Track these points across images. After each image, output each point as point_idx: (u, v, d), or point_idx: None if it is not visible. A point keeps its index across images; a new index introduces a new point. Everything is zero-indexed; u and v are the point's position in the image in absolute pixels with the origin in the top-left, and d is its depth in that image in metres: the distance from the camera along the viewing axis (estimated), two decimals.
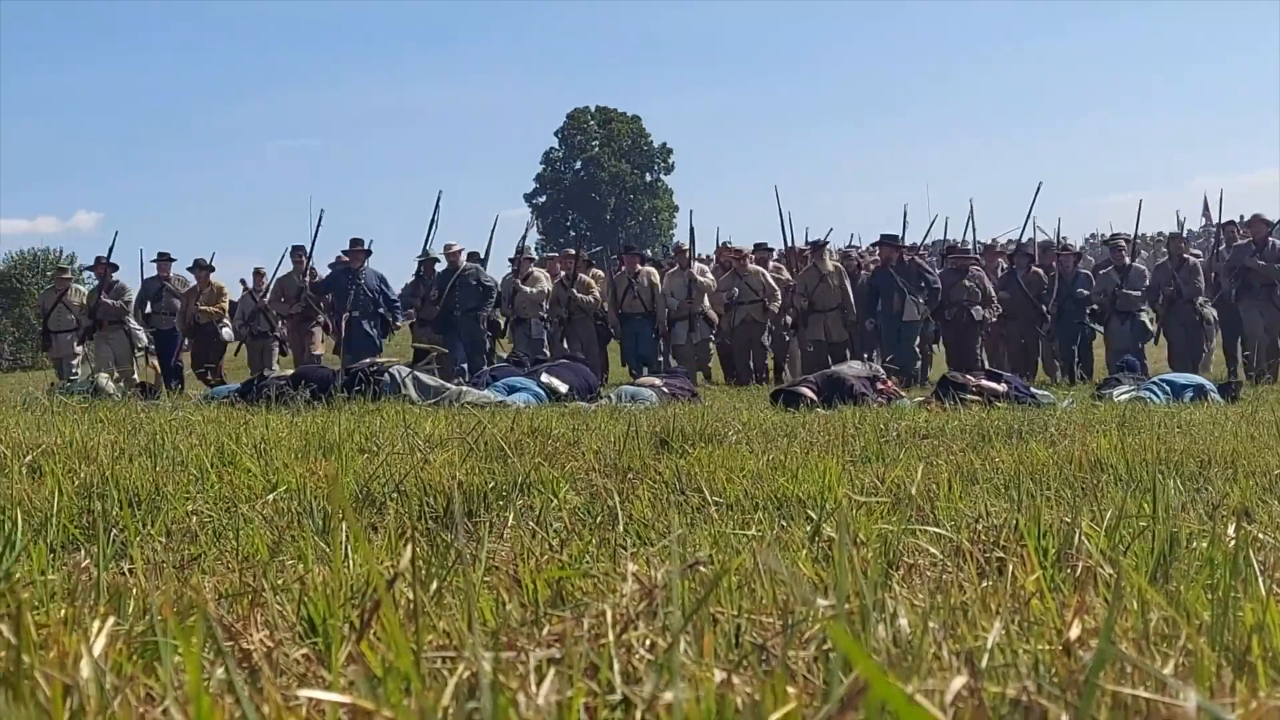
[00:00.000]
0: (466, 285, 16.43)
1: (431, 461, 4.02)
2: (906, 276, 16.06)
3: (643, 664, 1.38)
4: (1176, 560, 1.95)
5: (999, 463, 4.14)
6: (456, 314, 16.26)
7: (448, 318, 16.31)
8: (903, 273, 16.09)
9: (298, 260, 17.17)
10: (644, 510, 3.12)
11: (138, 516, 3.03)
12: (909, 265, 16.27)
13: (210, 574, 2.34)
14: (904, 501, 3.17)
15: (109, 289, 16.51)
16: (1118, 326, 16.32)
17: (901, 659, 1.34)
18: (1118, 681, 1.21)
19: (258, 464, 3.96)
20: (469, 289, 16.41)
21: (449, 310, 16.29)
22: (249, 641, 1.51)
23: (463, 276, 16.44)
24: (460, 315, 16.27)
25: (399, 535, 2.64)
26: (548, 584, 1.89)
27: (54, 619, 1.51)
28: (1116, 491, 3.30)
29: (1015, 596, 1.68)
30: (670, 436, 5.00)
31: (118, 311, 16.40)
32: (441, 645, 1.46)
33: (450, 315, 16.30)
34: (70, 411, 6.67)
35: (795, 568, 2.03)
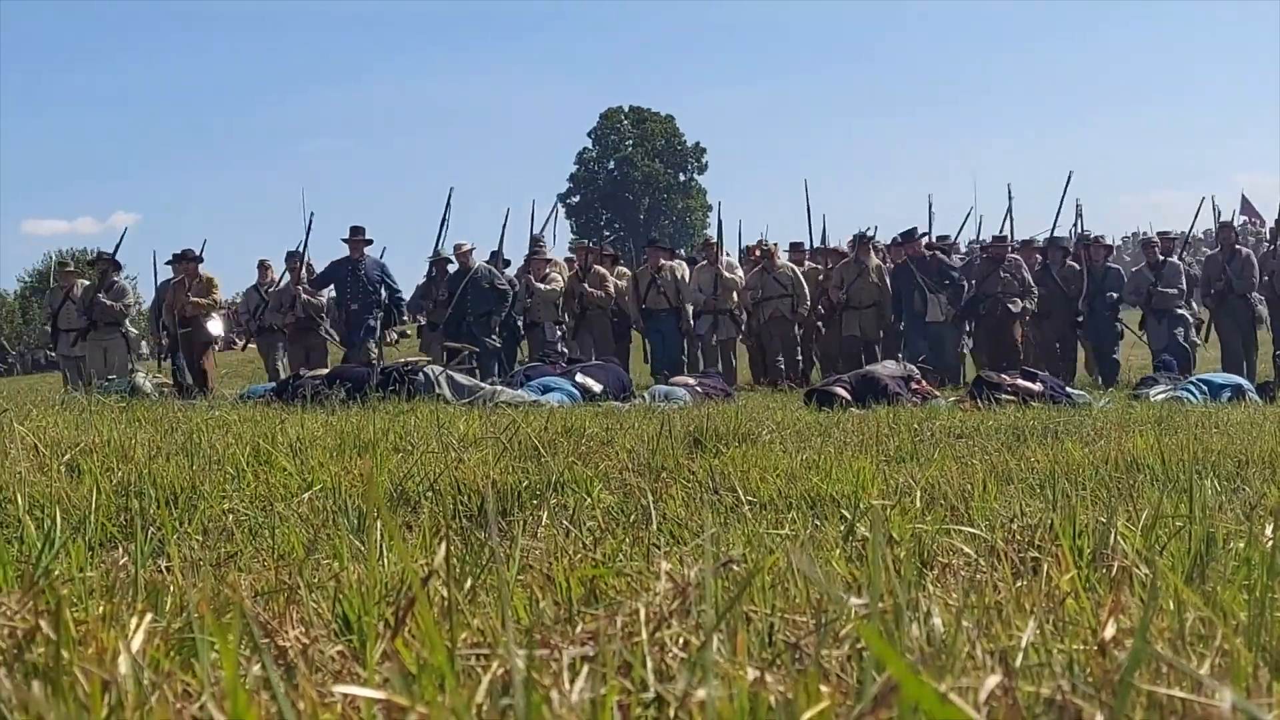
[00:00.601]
0: (478, 288, 15.61)
1: (465, 461, 4.04)
2: (928, 273, 15.28)
3: (676, 662, 1.38)
4: (1213, 560, 1.93)
5: (1034, 462, 4.12)
6: (469, 319, 15.41)
7: (459, 322, 15.44)
8: (924, 269, 15.31)
9: (292, 267, 16.26)
10: (677, 509, 3.13)
11: (175, 515, 3.06)
12: (930, 261, 15.46)
13: (246, 571, 2.36)
14: (938, 501, 3.15)
15: (108, 288, 15.52)
16: (1155, 326, 15.53)
17: (935, 658, 1.33)
18: (1153, 681, 1.21)
19: (293, 463, 3.99)
20: (481, 292, 15.59)
21: (460, 315, 15.48)
22: (285, 639, 1.52)
23: (474, 279, 15.64)
24: (473, 320, 15.42)
25: (433, 534, 2.66)
26: (581, 582, 1.89)
27: (92, 616, 1.53)
28: (1153, 491, 3.28)
29: (1050, 596, 1.67)
30: (704, 436, 5.00)
31: (114, 313, 15.45)
32: (476, 643, 1.47)
33: (462, 320, 15.44)
34: (108, 411, 6.73)
35: (829, 567, 2.03)
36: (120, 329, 15.58)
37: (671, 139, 70.93)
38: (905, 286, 15.40)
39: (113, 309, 15.40)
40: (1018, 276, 15.57)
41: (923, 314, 15.11)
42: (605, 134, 71.29)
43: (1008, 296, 15.41)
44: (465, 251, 15.88)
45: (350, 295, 15.75)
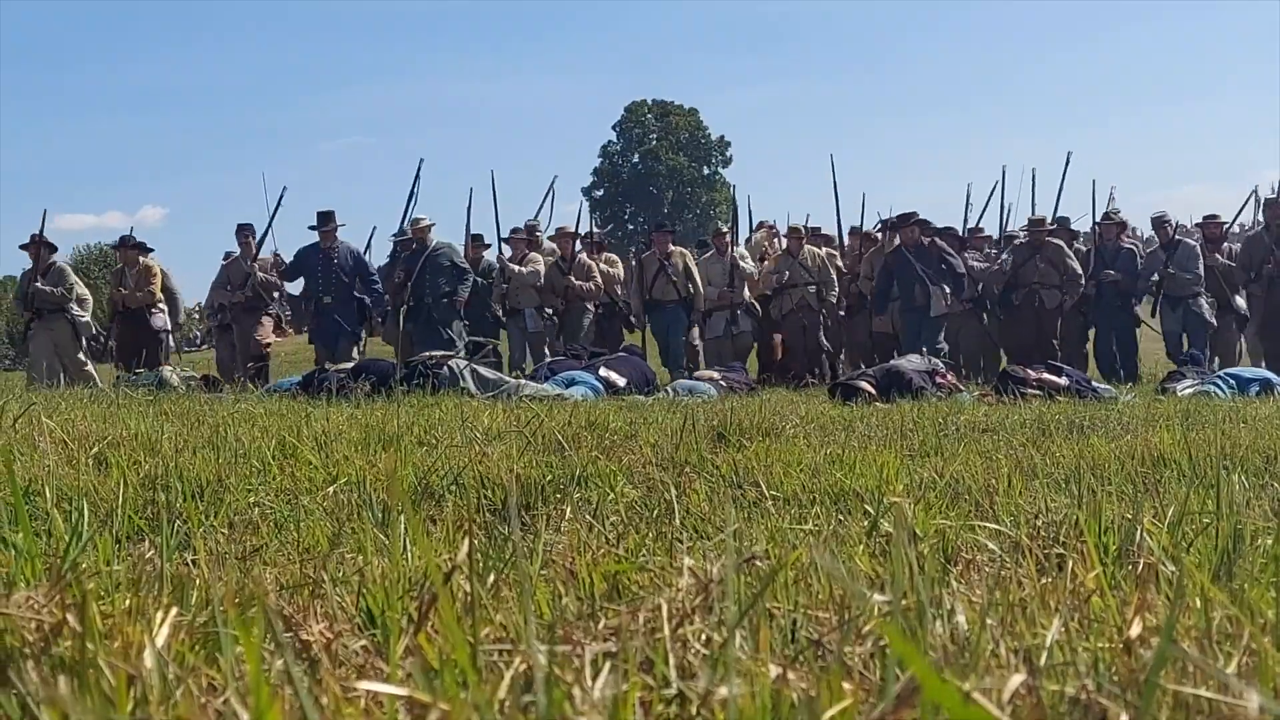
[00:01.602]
0: (437, 267, 14.05)
1: (489, 455, 4.05)
2: (927, 262, 13.73)
3: (698, 659, 1.38)
4: (1240, 558, 1.91)
5: (1059, 457, 4.09)
6: (427, 300, 13.91)
7: (419, 304, 13.92)
8: (923, 258, 13.74)
9: (244, 241, 14.82)
10: (701, 504, 3.12)
11: (201, 508, 3.07)
12: (929, 249, 13.89)
13: (272, 565, 2.38)
14: (962, 496, 3.14)
15: (44, 273, 14.14)
16: (1168, 313, 14.18)
17: (959, 656, 1.33)
18: (1179, 681, 1.20)
19: (318, 456, 4.01)
20: (440, 271, 14.04)
21: (420, 296, 13.93)
22: (309, 633, 1.53)
23: (433, 256, 14.08)
24: (432, 302, 13.94)
25: (457, 528, 2.66)
26: (604, 577, 1.89)
27: (119, 609, 1.54)
28: (1179, 487, 3.25)
29: (1075, 593, 1.65)
30: (727, 430, 5.00)
31: (55, 299, 14.03)
32: (498, 638, 1.47)
33: (421, 301, 13.94)
34: (135, 404, 6.78)
35: (852, 563, 2.03)
36: (65, 315, 14.11)
37: (695, 132, 70.82)
38: (903, 277, 13.92)
39: (51, 294, 14.07)
40: (1059, 264, 14.04)
41: (924, 308, 13.72)
42: (629, 127, 71.23)
43: (1045, 287, 14.02)
44: (423, 228, 14.38)
45: (322, 288, 14.23)
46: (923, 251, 13.92)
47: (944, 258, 13.88)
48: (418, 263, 14.06)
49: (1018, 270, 14.23)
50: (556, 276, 14.76)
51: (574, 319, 14.88)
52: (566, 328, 14.81)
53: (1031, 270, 14.16)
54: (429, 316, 13.86)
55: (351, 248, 14.52)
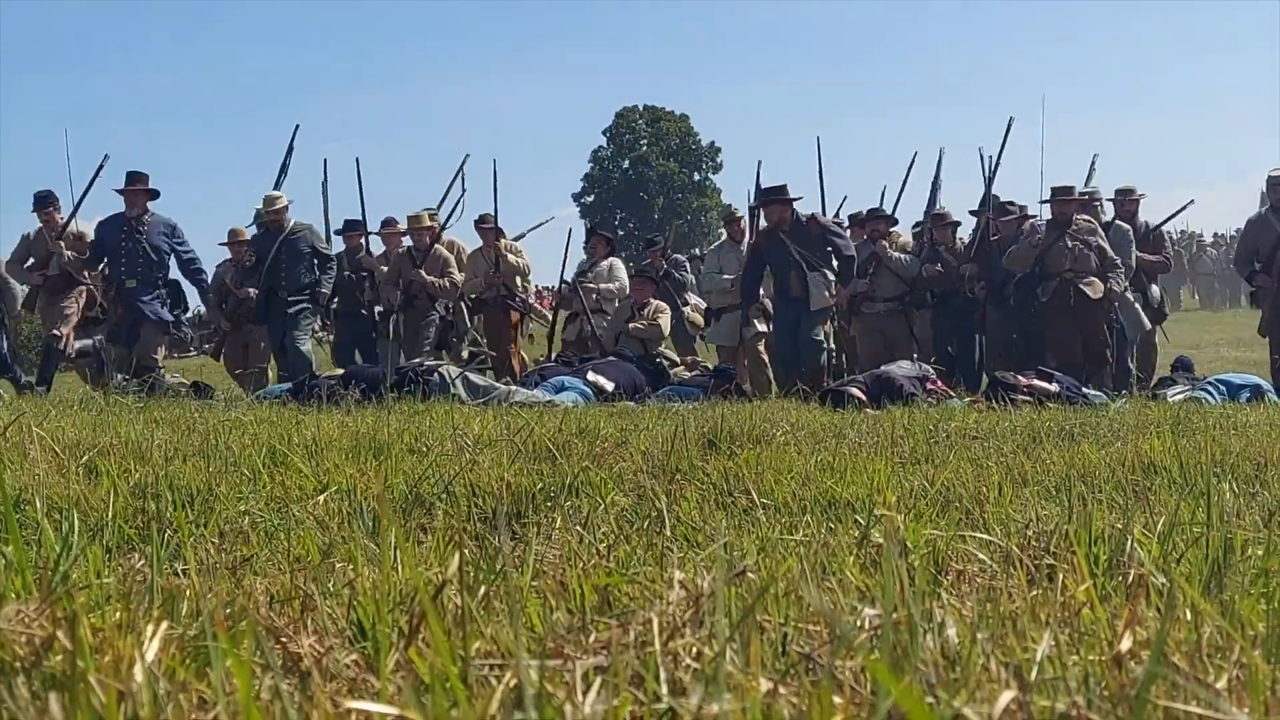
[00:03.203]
0: (295, 253, 11.95)
1: (480, 463, 4.04)
2: (804, 244, 11.31)
3: (689, 673, 1.38)
4: (1230, 569, 1.92)
5: (1050, 464, 4.10)
6: (282, 292, 11.80)
7: (271, 296, 11.84)
8: (799, 239, 11.30)
9: (47, 217, 11.99)
10: (691, 512, 3.12)
11: (191, 517, 3.07)
12: (808, 227, 11.43)
13: (262, 575, 2.37)
14: (953, 505, 3.14)
15: None
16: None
17: (949, 670, 1.33)
18: (1170, 696, 1.20)
19: (309, 465, 4.00)
20: (298, 258, 11.95)
21: (273, 286, 11.83)
22: (299, 646, 1.53)
23: (290, 241, 11.95)
24: (287, 295, 11.81)
25: (447, 539, 2.66)
26: (595, 590, 1.89)
27: (109, 623, 1.54)
28: (1170, 495, 3.26)
29: (1065, 606, 1.66)
30: (718, 437, 5.00)
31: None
32: (489, 652, 1.47)
33: (273, 294, 11.84)
34: (125, 411, 6.76)
35: (843, 574, 2.03)
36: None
37: (686, 138, 70.83)
38: (776, 262, 11.48)
39: None
40: (1094, 245, 11.29)
41: (803, 299, 11.26)
42: (620, 133, 71.24)
43: (1080, 275, 11.18)
44: (279, 209, 12.11)
45: (125, 268, 11.42)
46: (800, 231, 11.42)
47: (827, 238, 11.51)
48: (272, 248, 11.94)
49: (1046, 256, 11.36)
50: (405, 267, 12.70)
51: (415, 320, 12.73)
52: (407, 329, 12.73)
53: (1059, 255, 11.27)
54: (279, 311, 11.84)
55: (166, 220, 11.87)
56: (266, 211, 12.16)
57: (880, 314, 12.42)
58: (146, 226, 11.54)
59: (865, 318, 12.50)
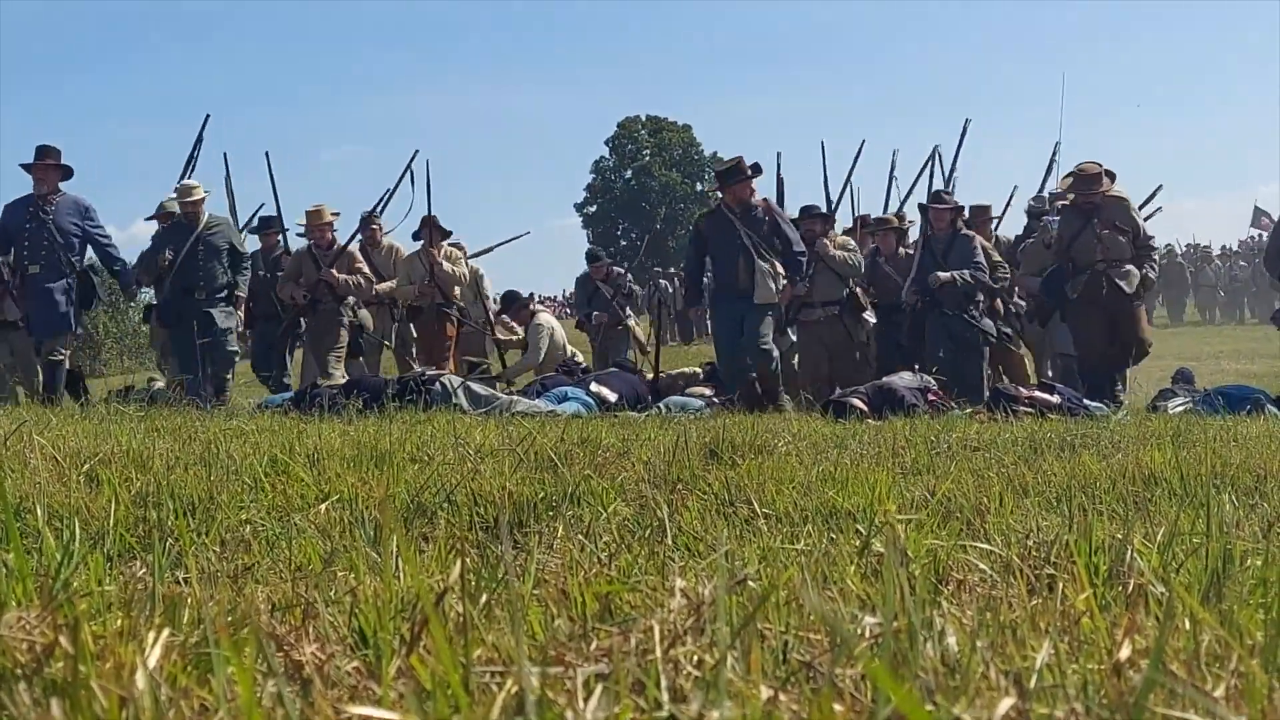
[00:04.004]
0: (211, 249, 10.89)
1: (482, 472, 4.05)
2: (755, 230, 10.29)
3: (690, 681, 1.38)
4: (1230, 579, 1.92)
5: (1051, 475, 4.10)
6: (198, 293, 10.74)
7: (182, 296, 10.76)
8: (750, 223, 10.27)
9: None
10: (693, 522, 3.13)
11: (193, 526, 3.07)
12: (761, 212, 10.40)
13: (263, 584, 2.37)
14: (954, 515, 3.15)
15: None
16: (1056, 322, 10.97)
17: (949, 678, 1.33)
18: (1168, 704, 1.20)
19: (310, 474, 4.01)
20: (215, 254, 10.90)
21: (187, 285, 10.74)
22: (301, 654, 1.53)
23: (206, 236, 10.88)
24: (204, 296, 10.78)
25: (449, 548, 2.66)
26: (596, 598, 1.90)
27: (110, 630, 1.54)
28: (1170, 506, 3.26)
29: (1065, 615, 1.66)
30: (720, 447, 5.00)
31: None
32: (490, 659, 1.48)
33: (189, 293, 10.75)
34: (126, 420, 6.77)
35: (843, 583, 2.03)
36: None
37: (689, 149, 70.98)
38: (720, 250, 10.38)
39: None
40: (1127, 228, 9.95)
41: (748, 291, 10.23)
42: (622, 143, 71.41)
43: (1113, 266, 9.94)
44: (195, 201, 10.99)
45: (29, 253, 10.38)
46: (751, 215, 10.33)
47: (780, 228, 10.43)
48: (187, 242, 10.81)
49: (1069, 246, 10.05)
50: (307, 266, 11.70)
51: (323, 323, 11.80)
52: (312, 332, 11.87)
53: (1089, 244, 9.96)
54: (195, 311, 10.74)
55: (78, 200, 10.72)
56: (182, 202, 11.06)
57: (820, 321, 11.28)
58: (54, 207, 10.43)
59: (804, 326, 11.41)
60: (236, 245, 11.26)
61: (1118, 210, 10.22)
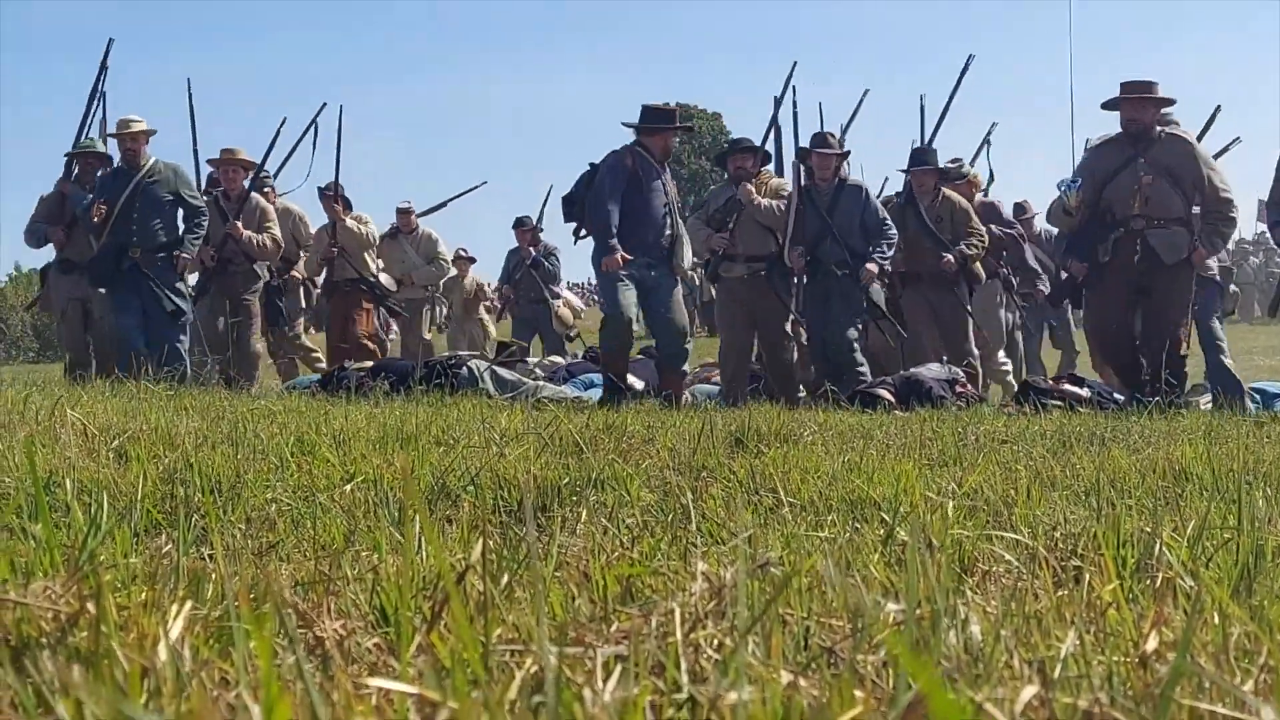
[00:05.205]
0: (153, 200, 9.36)
1: (506, 456, 4.05)
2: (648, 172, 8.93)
3: (710, 664, 1.38)
4: (1261, 574, 1.90)
5: (1079, 469, 4.07)
6: (134, 252, 9.31)
7: (117, 255, 9.27)
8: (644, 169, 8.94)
9: None
10: (717, 509, 3.12)
11: (219, 503, 3.08)
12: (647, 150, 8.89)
13: (287, 561, 2.38)
14: (980, 507, 3.13)
15: None
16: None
17: (972, 666, 1.32)
18: (1195, 697, 1.19)
19: (336, 454, 4.02)
20: (158, 207, 9.42)
21: (121, 243, 9.27)
22: (322, 629, 1.53)
23: (149, 184, 9.36)
24: (141, 255, 9.32)
25: (472, 528, 2.67)
26: (617, 580, 1.89)
27: (134, 602, 1.55)
28: (1200, 502, 3.23)
29: (1091, 606, 1.65)
30: (745, 435, 4.99)
31: None
32: (510, 639, 1.47)
33: (122, 252, 9.28)
34: (156, 398, 6.82)
35: (867, 571, 2.02)
36: None
37: (719, 136, 70.71)
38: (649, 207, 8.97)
39: None
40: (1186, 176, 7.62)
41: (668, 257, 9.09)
42: None
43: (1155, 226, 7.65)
44: (137, 133, 9.38)
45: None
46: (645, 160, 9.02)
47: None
48: (124, 191, 9.27)
49: (1100, 192, 7.73)
50: (214, 219, 10.04)
51: (233, 287, 10.34)
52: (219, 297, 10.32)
53: (1127, 189, 7.63)
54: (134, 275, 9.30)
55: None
56: (121, 135, 9.46)
57: (743, 279, 9.51)
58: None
59: (724, 284, 9.72)
60: (187, 198, 9.68)
61: (1177, 153, 7.72)
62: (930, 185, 9.92)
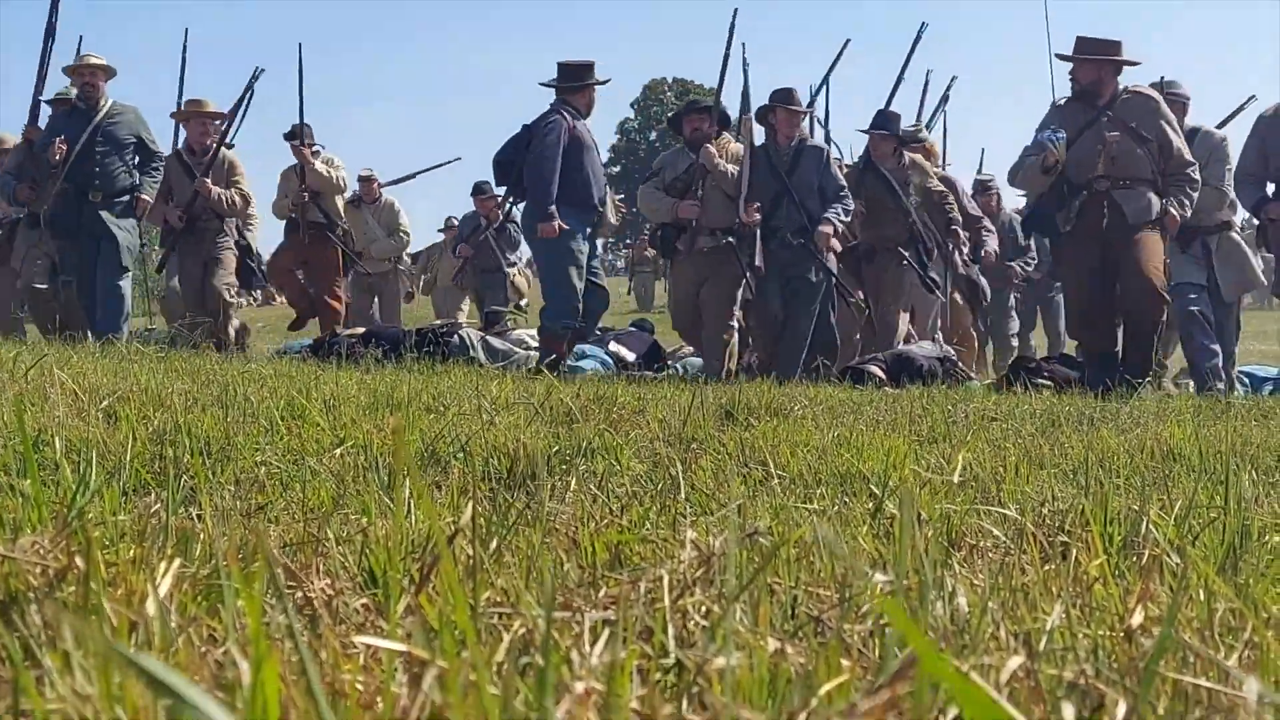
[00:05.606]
0: (115, 141, 9.00)
1: (497, 424, 4.05)
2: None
3: (697, 630, 1.38)
4: (1247, 553, 1.91)
5: (1068, 448, 4.09)
6: (94, 195, 8.90)
7: (80, 199, 8.88)
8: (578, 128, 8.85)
9: None
10: (706, 480, 3.12)
11: (208, 465, 3.08)
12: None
13: (276, 523, 2.38)
14: (969, 483, 3.13)
15: None
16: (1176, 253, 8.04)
17: (958, 637, 1.33)
18: (1179, 670, 1.20)
19: (326, 419, 4.02)
20: (119, 147, 9.03)
21: (82, 184, 8.88)
22: (310, 589, 1.53)
23: (109, 126, 9.00)
24: (101, 199, 8.93)
25: (462, 493, 2.67)
26: (606, 547, 1.89)
27: (123, 559, 1.55)
28: (1188, 481, 3.24)
29: (1078, 581, 1.65)
30: (735, 408, 5.00)
31: None
32: (499, 602, 1.48)
33: (82, 197, 8.88)
34: (146, 360, 6.80)
35: (855, 543, 2.03)
36: None
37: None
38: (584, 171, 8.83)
39: None
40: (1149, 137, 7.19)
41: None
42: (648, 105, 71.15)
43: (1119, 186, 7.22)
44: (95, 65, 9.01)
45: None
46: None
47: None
48: (84, 131, 8.85)
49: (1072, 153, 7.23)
50: (178, 176, 9.57)
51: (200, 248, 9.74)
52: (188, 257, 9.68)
53: (1090, 150, 7.19)
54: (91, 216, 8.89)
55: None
56: (79, 69, 9.06)
57: (705, 252, 8.80)
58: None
59: (686, 258, 9.01)
60: (147, 141, 9.33)
61: (1140, 110, 7.30)
62: (889, 150, 9.48)
